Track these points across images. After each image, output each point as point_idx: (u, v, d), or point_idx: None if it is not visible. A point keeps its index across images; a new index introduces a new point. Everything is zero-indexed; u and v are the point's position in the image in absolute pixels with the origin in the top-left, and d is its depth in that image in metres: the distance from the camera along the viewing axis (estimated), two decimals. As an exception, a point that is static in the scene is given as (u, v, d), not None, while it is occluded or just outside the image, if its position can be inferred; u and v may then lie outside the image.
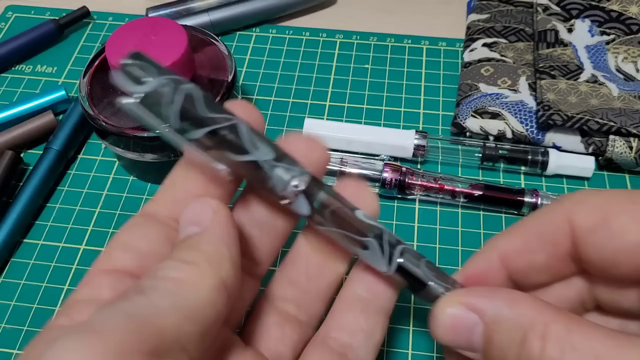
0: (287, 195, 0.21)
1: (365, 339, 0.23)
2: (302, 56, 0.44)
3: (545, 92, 0.37)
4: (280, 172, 0.21)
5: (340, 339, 0.23)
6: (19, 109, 0.39)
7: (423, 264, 0.22)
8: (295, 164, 0.21)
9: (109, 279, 0.20)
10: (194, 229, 0.20)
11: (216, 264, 0.19)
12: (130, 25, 0.33)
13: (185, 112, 0.20)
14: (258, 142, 0.21)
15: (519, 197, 0.34)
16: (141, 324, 0.17)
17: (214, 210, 0.20)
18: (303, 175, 0.21)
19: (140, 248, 0.21)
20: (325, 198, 0.21)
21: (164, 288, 0.18)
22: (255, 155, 0.21)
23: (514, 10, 0.43)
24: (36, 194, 0.35)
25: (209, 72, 0.35)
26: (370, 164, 0.35)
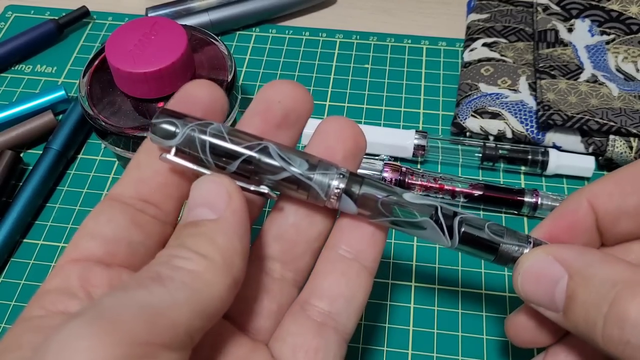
0: (331, 198, 0.21)
1: (346, 304, 0.22)
2: (302, 56, 0.44)
3: (545, 92, 0.37)
4: (319, 178, 0.21)
5: (321, 305, 0.22)
6: (18, 109, 0.39)
7: (487, 228, 0.22)
8: (330, 166, 0.22)
9: (77, 268, 0.20)
10: (208, 213, 0.19)
11: (230, 260, 0.19)
12: (130, 25, 0.33)
13: (217, 149, 0.21)
14: (290, 156, 0.21)
15: (519, 197, 0.34)
16: (156, 315, 0.16)
17: (229, 193, 0.20)
18: (340, 174, 0.21)
19: (106, 234, 0.20)
20: (368, 191, 0.22)
21: (180, 280, 0.18)
22: (291, 171, 0.21)
23: (514, 10, 0.43)
24: (36, 193, 0.35)
25: (208, 72, 0.35)
26: (370, 164, 0.35)
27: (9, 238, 0.34)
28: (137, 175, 0.22)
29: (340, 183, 0.21)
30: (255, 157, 0.21)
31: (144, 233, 0.21)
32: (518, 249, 0.22)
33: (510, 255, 0.22)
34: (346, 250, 0.23)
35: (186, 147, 0.21)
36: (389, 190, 0.22)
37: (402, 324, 0.31)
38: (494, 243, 0.22)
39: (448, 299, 0.32)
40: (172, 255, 0.18)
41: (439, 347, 0.30)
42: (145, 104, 0.33)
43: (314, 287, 0.22)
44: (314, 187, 0.21)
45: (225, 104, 0.23)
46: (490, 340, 0.30)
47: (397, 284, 0.32)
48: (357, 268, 0.23)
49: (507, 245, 0.22)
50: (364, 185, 0.22)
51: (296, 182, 0.21)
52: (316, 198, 0.22)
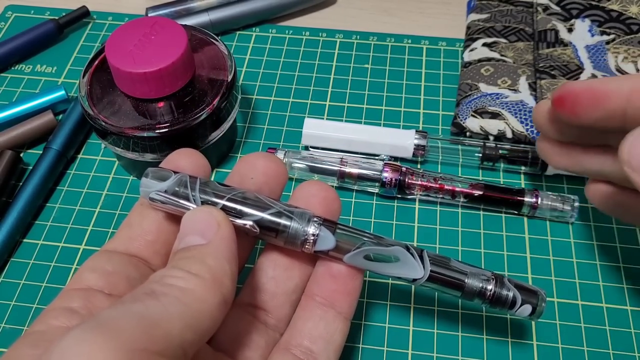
0: (306, 243, 0.24)
1: (326, 344, 0.24)
2: (302, 56, 0.44)
3: (545, 92, 0.37)
4: (295, 225, 0.23)
5: (302, 345, 0.24)
6: (18, 109, 0.39)
7: (452, 262, 0.25)
8: (305, 212, 0.24)
9: (79, 294, 0.21)
10: (198, 239, 0.21)
11: (219, 280, 0.20)
12: (130, 25, 0.33)
13: (205, 188, 0.24)
14: (267, 202, 0.24)
15: (519, 197, 0.34)
16: (151, 325, 0.17)
17: (218, 222, 0.21)
18: (316, 220, 0.24)
19: (105, 269, 0.22)
20: (341, 239, 0.24)
21: (173, 295, 0.19)
22: (266, 215, 0.24)
23: (514, 10, 0.43)
24: (36, 193, 0.35)
25: (208, 72, 0.35)
26: (370, 164, 0.35)
27: (9, 238, 0.34)
28: (127, 234, 0.24)
29: (316, 229, 0.24)
30: (238, 197, 0.23)
31: (140, 273, 0.23)
32: (482, 284, 0.25)
33: (476, 288, 0.25)
34: (322, 299, 0.25)
35: (178, 187, 0.23)
36: (361, 237, 0.24)
37: (402, 324, 0.31)
38: (462, 273, 0.25)
39: (448, 299, 0.32)
40: (165, 275, 0.20)
41: (439, 347, 0.30)
42: (145, 104, 0.33)
43: (295, 330, 0.25)
44: (289, 229, 0.23)
45: (208, 171, 0.25)
46: (490, 340, 0.30)
47: (397, 284, 0.32)
48: (332, 314, 0.25)
49: (471, 280, 0.25)
50: (338, 232, 0.24)
51: (273, 228, 0.24)
52: (292, 241, 0.24)
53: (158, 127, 0.32)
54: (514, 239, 0.34)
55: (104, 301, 0.21)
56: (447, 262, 0.25)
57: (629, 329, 0.31)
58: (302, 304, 0.25)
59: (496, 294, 0.25)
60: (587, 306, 0.31)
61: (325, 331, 0.24)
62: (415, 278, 0.25)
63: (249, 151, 0.38)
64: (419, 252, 0.25)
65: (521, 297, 0.25)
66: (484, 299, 0.25)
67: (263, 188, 0.25)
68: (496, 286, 0.25)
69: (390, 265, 0.24)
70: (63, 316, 0.20)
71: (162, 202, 0.23)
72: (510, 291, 0.25)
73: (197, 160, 0.25)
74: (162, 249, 0.24)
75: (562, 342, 0.30)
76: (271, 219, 0.23)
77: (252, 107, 0.41)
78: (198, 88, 0.34)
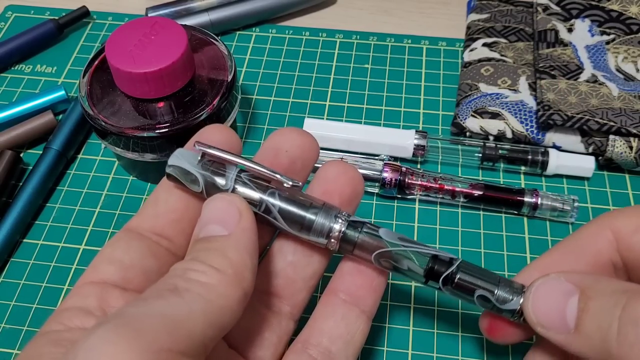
0: (331, 240, 0.23)
1: (345, 345, 0.23)
2: (302, 56, 0.44)
3: (545, 92, 0.37)
4: (321, 220, 0.23)
5: (321, 344, 0.23)
6: (18, 109, 0.39)
7: (481, 280, 0.23)
8: (332, 209, 0.23)
9: (95, 289, 0.21)
10: (220, 229, 0.21)
11: (241, 274, 0.20)
12: (130, 25, 0.33)
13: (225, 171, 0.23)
14: (295, 199, 0.23)
15: (519, 197, 0.34)
16: (175, 324, 0.17)
17: (240, 212, 0.21)
18: (342, 218, 0.23)
19: (123, 261, 0.22)
20: (366, 238, 0.23)
21: (196, 292, 0.19)
22: (295, 213, 0.23)
23: (514, 10, 0.43)
24: (36, 193, 0.35)
25: (208, 72, 0.35)
26: (370, 164, 0.35)
27: (9, 238, 0.34)
28: (153, 211, 0.23)
29: (342, 226, 0.23)
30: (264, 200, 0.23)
31: (158, 262, 0.22)
32: (511, 297, 0.23)
33: (505, 301, 0.23)
34: (346, 295, 0.24)
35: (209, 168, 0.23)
36: (388, 238, 0.23)
37: (402, 324, 0.31)
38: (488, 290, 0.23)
39: (448, 300, 0.32)
40: (187, 269, 0.20)
41: (439, 347, 0.30)
42: (145, 104, 0.33)
43: (315, 328, 0.24)
44: (316, 228, 0.23)
45: (239, 146, 0.24)
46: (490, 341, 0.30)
47: (398, 284, 0.32)
48: (356, 313, 0.24)
49: (501, 293, 0.23)
50: (365, 230, 0.23)
51: (299, 222, 0.23)
52: (317, 239, 0.23)
53: (158, 127, 0.32)
54: (514, 239, 0.34)
55: (119, 298, 0.21)
56: (476, 276, 0.23)
57: (629, 329, 0.31)
58: (323, 299, 0.24)
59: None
60: (587, 306, 0.31)
61: (346, 331, 0.23)
62: (440, 287, 0.23)
63: (249, 151, 0.38)
64: (445, 269, 0.23)
65: None
66: (514, 314, 0.23)
67: (296, 162, 0.24)
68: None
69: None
70: (78, 317, 0.20)
71: (180, 179, 0.23)
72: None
73: (228, 136, 0.24)
74: (188, 228, 0.23)
75: (562, 342, 0.30)
76: (296, 211, 0.23)
77: (252, 107, 0.41)
78: (198, 88, 0.34)
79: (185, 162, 0.23)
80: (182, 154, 0.23)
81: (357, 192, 0.24)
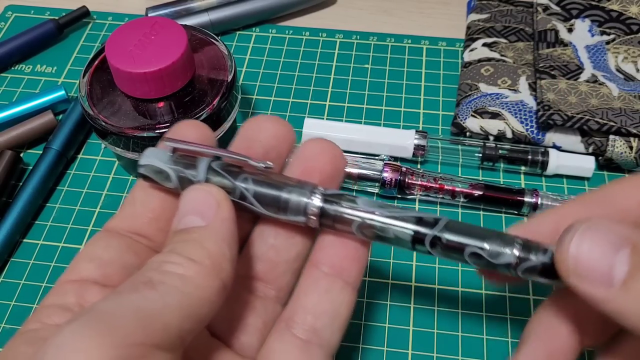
0: (310, 217, 0.22)
1: (330, 320, 0.23)
2: (302, 56, 0.44)
3: (545, 92, 0.37)
4: (296, 198, 0.22)
5: (305, 322, 0.22)
6: (18, 109, 0.39)
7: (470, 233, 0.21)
8: (307, 185, 0.22)
9: (74, 287, 0.21)
10: (198, 220, 0.20)
11: (219, 264, 0.19)
12: (130, 25, 0.33)
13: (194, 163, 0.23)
14: (268, 180, 0.22)
15: (519, 197, 0.34)
16: (149, 318, 0.17)
17: (217, 202, 0.20)
18: (318, 193, 0.22)
19: (102, 258, 0.22)
20: (345, 210, 0.22)
21: (171, 284, 0.18)
22: (269, 192, 0.22)
23: (514, 10, 0.43)
24: (36, 194, 0.35)
25: (208, 72, 0.35)
26: (370, 164, 0.35)
27: (9, 238, 0.34)
28: (131, 211, 0.23)
29: (318, 201, 0.22)
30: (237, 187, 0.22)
31: (138, 258, 0.22)
32: (505, 250, 0.21)
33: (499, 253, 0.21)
34: (329, 268, 0.23)
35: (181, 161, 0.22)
36: (368, 207, 0.22)
37: (402, 324, 0.31)
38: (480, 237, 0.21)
39: (448, 299, 0.32)
40: (163, 261, 0.19)
41: (439, 347, 0.30)
42: (145, 104, 0.33)
43: (298, 304, 0.23)
44: (292, 207, 0.22)
45: (214, 142, 0.24)
46: (490, 340, 0.30)
47: (398, 284, 0.32)
48: (340, 285, 0.23)
49: (493, 246, 0.21)
50: (343, 203, 0.22)
51: (275, 204, 0.22)
52: (295, 218, 0.22)
53: (158, 127, 0.32)
54: (514, 239, 0.34)
55: (98, 295, 0.21)
56: (464, 233, 0.21)
57: (629, 329, 0.31)
58: (306, 273, 0.23)
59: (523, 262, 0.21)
60: (587, 306, 0.31)
61: (331, 306, 0.23)
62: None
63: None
64: (430, 229, 0.22)
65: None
66: (510, 267, 0.21)
67: (271, 152, 0.24)
68: (522, 250, 0.21)
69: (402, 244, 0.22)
70: (56, 314, 0.20)
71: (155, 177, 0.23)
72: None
73: (202, 132, 0.24)
74: (166, 226, 0.23)
75: (562, 342, 0.30)
76: (271, 193, 0.22)
77: (252, 107, 0.41)
78: (198, 88, 0.34)
79: (155, 159, 0.23)
80: (152, 153, 0.23)
81: (339, 169, 0.24)
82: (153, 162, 0.23)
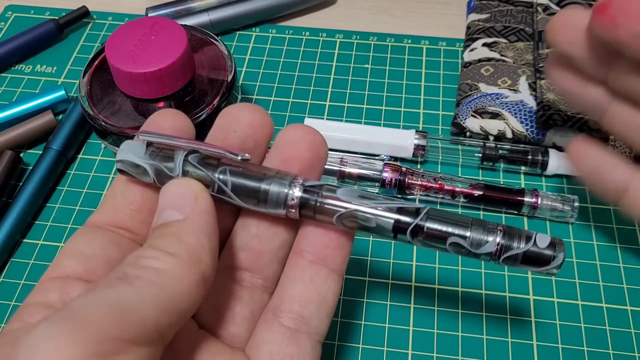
0: (289, 209, 0.22)
1: (317, 308, 0.23)
2: (302, 56, 0.44)
3: (545, 92, 0.37)
4: (275, 189, 0.21)
5: (292, 311, 0.22)
6: (18, 109, 0.39)
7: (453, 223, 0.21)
8: (286, 176, 0.22)
9: (56, 284, 0.21)
10: (176, 214, 0.20)
11: (197, 257, 0.19)
12: (130, 25, 0.33)
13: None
14: (246, 172, 0.22)
15: (519, 197, 0.34)
16: (124, 312, 0.17)
17: (195, 195, 0.20)
18: (297, 184, 0.22)
19: (85, 253, 0.21)
20: (327, 200, 0.22)
21: (147, 278, 0.18)
22: (247, 184, 0.22)
23: (514, 10, 0.43)
24: (36, 194, 0.35)
25: (208, 72, 0.35)
26: (370, 164, 0.35)
27: (9, 238, 0.34)
28: (112, 205, 0.23)
29: (298, 193, 0.21)
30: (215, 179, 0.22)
31: (122, 251, 0.22)
32: (486, 238, 0.21)
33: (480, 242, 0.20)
34: (312, 256, 0.23)
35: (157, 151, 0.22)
36: (348, 197, 0.21)
37: (402, 324, 0.31)
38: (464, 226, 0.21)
39: (448, 299, 0.32)
40: (140, 256, 0.19)
41: (439, 347, 0.30)
42: (145, 104, 0.33)
43: (284, 293, 0.23)
44: (271, 199, 0.22)
45: (192, 132, 0.24)
46: (490, 340, 0.30)
47: (397, 284, 0.32)
48: (325, 272, 0.23)
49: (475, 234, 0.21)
50: (323, 194, 0.22)
51: (255, 196, 0.22)
52: (275, 211, 0.22)
53: (158, 127, 0.32)
54: (514, 239, 0.34)
55: (82, 291, 0.20)
56: (448, 219, 0.21)
57: (629, 329, 0.31)
58: (290, 262, 0.23)
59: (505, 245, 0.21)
60: (587, 306, 0.31)
61: (317, 293, 0.22)
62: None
63: (249, 151, 0.38)
64: (412, 219, 0.21)
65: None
66: (492, 255, 0.21)
67: (247, 141, 0.23)
68: (503, 238, 0.21)
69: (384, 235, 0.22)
70: (39, 313, 0.20)
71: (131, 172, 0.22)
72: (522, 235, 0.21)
73: (180, 121, 0.23)
74: (148, 218, 0.23)
75: (562, 342, 0.30)
76: (249, 185, 0.21)
77: (252, 107, 0.41)
78: (198, 88, 0.34)
79: (131, 154, 0.22)
80: (128, 147, 0.22)
81: (319, 157, 0.23)
82: (129, 157, 0.22)
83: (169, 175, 0.22)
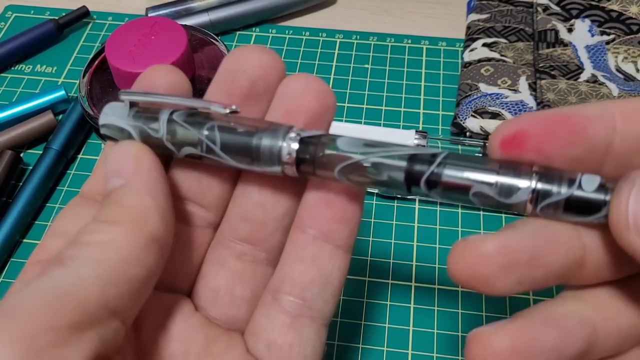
0: (285, 165, 0.19)
1: (320, 290, 0.20)
2: (302, 56, 0.44)
3: (545, 92, 0.37)
4: (267, 143, 0.19)
5: (292, 294, 0.20)
6: (18, 109, 0.39)
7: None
8: (280, 127, 0.19)
9: (39, 268, 0.19)
10: (118, 180, 0.19)
11: (142, 218, 0.18)
12: (130, 25, 0.33)
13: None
14: (235, 127, 0.20)
15: (519, 197, 0.34)
16: (59, 298, 0.16)
17: (135, 156, 0.19)
18: (293, 135, 0.19)
19: (71, 232, 0.19)
20: (328, 152, 0.19)
21: (86, 255, 0.17)
22: (234, 139, 0.19)
23: (514, 10, 0.43)
24: (36, 194, 0.35)
25: (208, 72, 0.35)
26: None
27: (9, 238, 0.34)
28: (103, 172, 0.21)
29: (293, 145, 0.18)
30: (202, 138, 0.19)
31: None
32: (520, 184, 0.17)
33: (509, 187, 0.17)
34: (316, 231, 0.20)
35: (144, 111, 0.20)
36: (352, 147, 0.19)
37: (402, 324, 0.31)
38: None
39: (448, 299, 0.32)
40: (82, 232, 0.18)
41: (439, 347, 0.30)
42: (145, 104, 0.33)
43: (284, 274, 0.21)
44: (264, 155, 0.19)
45: (188, 90, 0.22)
46: (490, 340, 0.30)
47: (397, 284, 0.33)
48: (329, 250, 0.20)
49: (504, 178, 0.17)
50: (323, 144, 0.18)
51: (247, 154, 0.19)
52: (270, 169, 0.19)
53: (158, 127, 0.32)
54: (514, 239, 0.34)
55: None
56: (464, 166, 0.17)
57: (629, 329, 0.31)
58: (291, 238, 0.21)
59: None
60: (587, 306, 0.31)
61: (319, 274, 0.20)
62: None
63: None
64: (427, 167, 0.18)
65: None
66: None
67: (257, 83, 0.20)
68: (540, 181, 0.17)
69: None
70: None
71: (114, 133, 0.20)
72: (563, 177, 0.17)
73: (175, 78, 0.21)
74: None
75: (562, 342, 0.30)
76: (240, 141, 0.19)
77: (252, 107, 0.41)
78: (198, 88, 0.34)
79: (114, 117, 0.20)
80: (111, 109, 0.20)
81: (327, 107, 0.20)
82: (113, 120, 0.20)
83: (155, 137, 0.20)
